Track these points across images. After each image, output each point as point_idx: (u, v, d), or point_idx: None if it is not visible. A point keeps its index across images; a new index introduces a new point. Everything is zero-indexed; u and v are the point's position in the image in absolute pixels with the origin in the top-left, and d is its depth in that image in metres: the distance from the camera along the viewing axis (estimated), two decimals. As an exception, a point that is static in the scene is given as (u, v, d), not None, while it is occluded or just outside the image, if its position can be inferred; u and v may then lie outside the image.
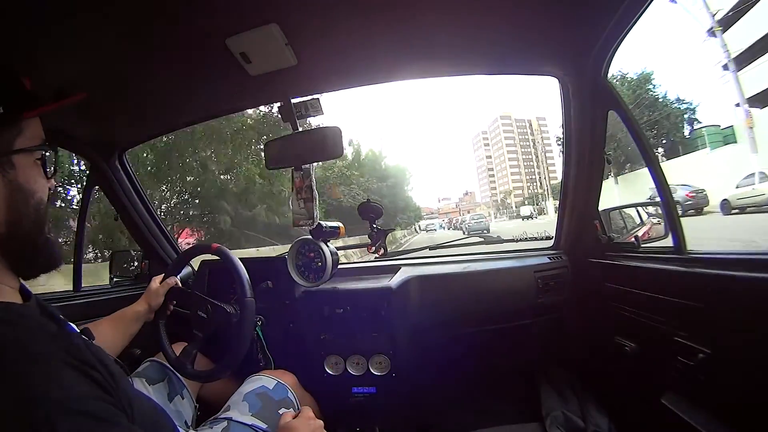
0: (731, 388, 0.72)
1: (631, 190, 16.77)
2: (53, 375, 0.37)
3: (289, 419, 0.80)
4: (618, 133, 8.28)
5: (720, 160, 14.48)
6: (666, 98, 23.25)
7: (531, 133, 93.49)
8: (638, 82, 22.85)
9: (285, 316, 1.24)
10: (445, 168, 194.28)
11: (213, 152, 9.43)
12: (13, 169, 0.45)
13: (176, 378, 1.00)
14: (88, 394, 0.38)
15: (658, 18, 49.57)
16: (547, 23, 0.90)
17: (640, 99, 21.74)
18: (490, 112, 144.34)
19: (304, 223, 1.15)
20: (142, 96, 1.06)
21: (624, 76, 22.71)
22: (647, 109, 22.06)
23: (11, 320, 0.40)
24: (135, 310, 0.96)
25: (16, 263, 0.46)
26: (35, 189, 0.47)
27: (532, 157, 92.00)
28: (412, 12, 0.82)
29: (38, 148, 0.48)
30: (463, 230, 21.29)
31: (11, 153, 0.45)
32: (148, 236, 1.47)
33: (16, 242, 0.45)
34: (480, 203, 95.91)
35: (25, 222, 0.46)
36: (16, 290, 0.46)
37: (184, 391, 1.00)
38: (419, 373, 1.34)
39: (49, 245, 0.49)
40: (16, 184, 0.45)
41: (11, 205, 0.44)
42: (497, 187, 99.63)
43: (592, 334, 1.28)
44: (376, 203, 1.27)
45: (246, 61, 0.90)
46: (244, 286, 0.98)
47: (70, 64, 0.83)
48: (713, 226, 7.55)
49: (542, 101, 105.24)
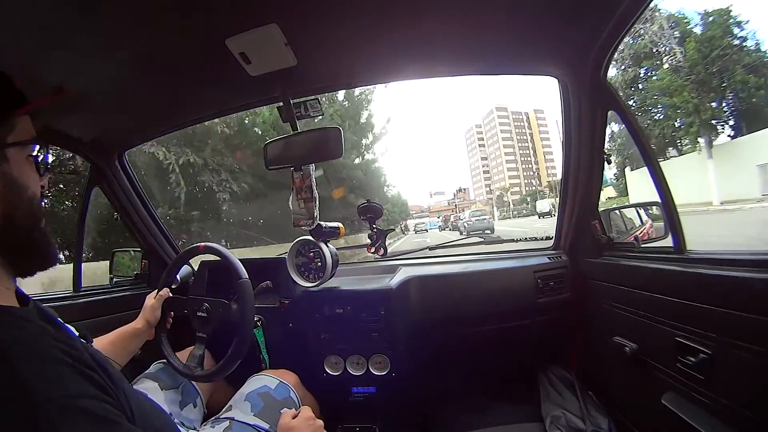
0: (731, 388, 0.72)
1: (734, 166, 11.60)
2: (54, 376, 0.37)
3: (289, 419, 0.80)
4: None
5: None
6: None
7: (528, 126, 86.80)
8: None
9: (285, 316, 1.24)
10: (435, 163, 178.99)
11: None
12: (6, 162, 0.45)
13: (191, 386, 1.00)
14: (89, 394, 0.39)
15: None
16: (547, 23, 0.90)
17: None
18: (485, 105, 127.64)
19: (304, 223, 1.15)
20: (142, 96, 1.06)
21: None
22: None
23: (11, 322, 0.41)
24: (134, 327, 0.96)
25: (11, 258, 0.46)
26: (28, 183, 0.48)
27: (530, 152, 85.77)
28: (412, 12, 0.82)
29: (30, 142, 0.49)
30: (460, 230, 17.88)
31: (4, 146, 0.46)
32: (148, 236, 1.47)
33: (10, 235, 0.45)
34: (475, 200, 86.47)
35: (19, 215, 0.46)
36: (12, 292, 0.47)
37: (197, 399, 1.00)
38: (419, 373, 1.34)
39: (45, 240, 0.50)
40: (9, 177, 0.45)
41: (5, 198, 0.45)
42: (492, 184, 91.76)
43: (592, 334, 1.28)
44: (376, 204, 1.27)
45: (246, 61, 0.90)
46: (236, 270, 0.98)
47: (71, 64, 0.83)
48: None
49: (539, 94, 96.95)
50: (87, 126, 1.17)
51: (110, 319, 1.21)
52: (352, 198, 10.80)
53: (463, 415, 1.30)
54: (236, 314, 0.97)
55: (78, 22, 0.71)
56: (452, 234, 18.52)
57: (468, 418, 1.27)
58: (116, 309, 1.27)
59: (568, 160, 1.26)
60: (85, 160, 1.31)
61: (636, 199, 10.63)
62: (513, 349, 1.43)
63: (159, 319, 1.00)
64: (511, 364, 1.47)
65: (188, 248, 1.11)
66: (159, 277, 1.11)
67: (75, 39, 0.76)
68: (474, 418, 1.26)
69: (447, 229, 25.25)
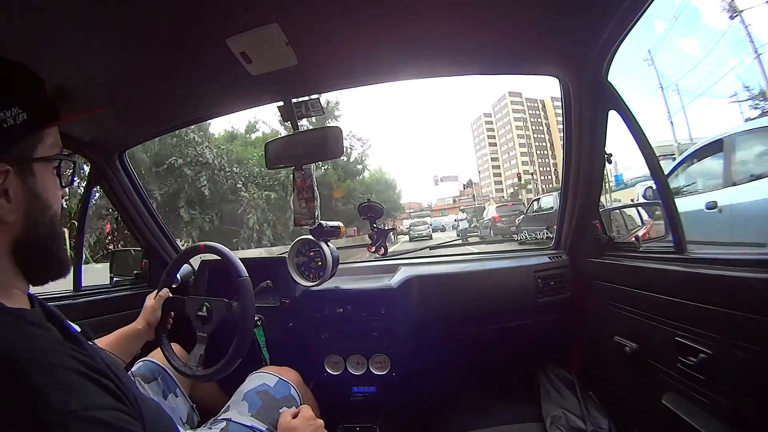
0: (731, 388, 0.72)
1: None
2: (69, 386, 0.37)
3: (289, 419, 0.79)
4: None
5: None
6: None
7: (545, 116, 71.41)
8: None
9: (285, 315, 1.24)
10: (436, 159, 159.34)
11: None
12: (32, 177, 0.45)
13: (168, 376, 1.00)
14: (104, 404, 0.38)
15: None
16: (548, 23, 0.90)
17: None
18: (493, 92, 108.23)
19: (305, 222, 1.15)
20: (142, 96, 1.06)
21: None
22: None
23: (24, 329, 0.40)
24: (134, 328, 0.95)
25: (29, 270, 0.46)
26: (52, 199, 0.47)
27: (547, 145, 71.02)
28: (413, 12, 0.82)
29: (58, 158, 0.49)
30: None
31: (33, 161, 0.45)
32: (149, 236, 1.47)
33: (31, 250, 0.45)
34: (491, 197, 65.75)
35: (41, 231, 0.46)
36: (25, 294, 0.47)
37: (177, 389, 1.00)
38: (419, 372, 1.34)
39: (63, 253, 0.50)
40: (34, 192, 0.45)
41: (29, 213, 0.44)
42: (503, 181, 77.48)
43: (592, 334, 1.28)
44: (376, 203, 1.27)
45: (246, 60, 0.90)
46: (236, 268, 0.98)
47: (71, 64, 0.83)
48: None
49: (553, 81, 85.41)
50: (87, 125, 1.17)
51: (110, 318, 1.21)
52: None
53: (463, 414, 1.30)
54: (237, 312, 0.96)
55: (78, 21, 0.71)
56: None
57: (468, 417, 1.27)
58: (116, 308, 1.27)
59: (568, 160, 1.26)
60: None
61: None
62: (513, 348, 1.43)
63: (159, 320, 0.99)
64: (511, 364, 1.47)
65: (188, 248, 1.11)
66: (159, 276, 1.11)
67: (75, 38, 0.76)
68: (474, 417, 1.26)
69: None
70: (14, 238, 0.44)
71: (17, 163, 0.43)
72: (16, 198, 0.43)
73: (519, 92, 74.26)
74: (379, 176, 25.34)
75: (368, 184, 22.16)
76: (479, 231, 12.91)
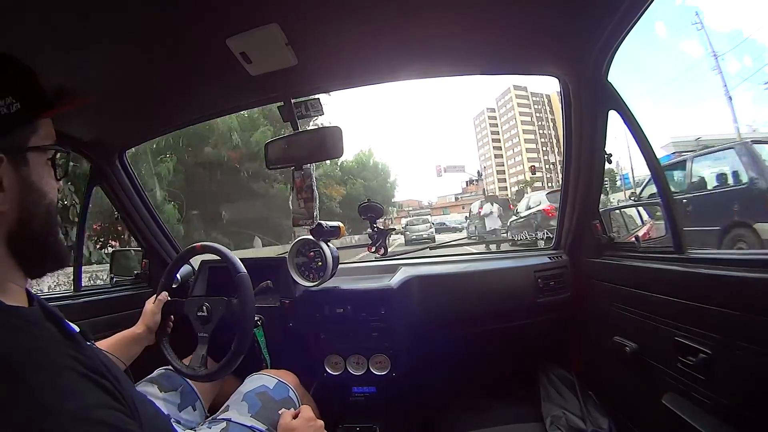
0: (731, 388, 0.72)
1: None
2: (66, 386, 0.37)
3: (289, 419, 0.79)
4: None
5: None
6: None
7: (551, 111, 65.37)
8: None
9: (285, 315, 1.24)
10: (440, 153, 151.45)
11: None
12: (26, 167, 0.45)
13: (190, 389, 1.00)
14: (102, 403, 0.38)
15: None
16: (548, 23, 0.90)
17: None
18: (496, 87, 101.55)
19: (304, 222, 1.15)
20: (142, 96, 1.06)
21: None
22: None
23: (21, 327, 0.40)
24: (134, 333, 0.94)
25: (25, 262, 0.46)
26: (46, 189, 0.47)
27: (553, 141, 63.91)
28: (413, 12, 0.82)
29: (52, 147, 0.49)
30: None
31: (26, 150, 0.45)
32: (149, 236, 1.47)
33: (25, 241, 0.45)
34: (497, 195, 54.81)
35: (35, 222, 0.46)
36: (23, 290, 0.46)
37: (197, 402, 1.00)
38: (419, 372, 1.34)
39: (59, 244, 0.49)
40: (28, 182, 0.45)
41: (23, 204, 0.44)
42: (507, 179, 69.80)
43: (592, 334, 1.28)
44: (376, 203, 1.27)
45: (246, 61, 0.90)
46: (234, 265, 0.99)
47: (71, 64, 0.83)
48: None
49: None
50: (87, 125, 1.17)
51: (110, 318, 1.21)
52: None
53: (463, 414, 1.30)
54: (236, 309, 0.96)
55: (78, 21, 0.71)
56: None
57: (468, 417, 1.27)
58: (116, 309, 1.26)
59: (568, 160, 1.26)
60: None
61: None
62: (513, 348, 1.43)
63: (159, 324, 0.99)
64: (511, 364, 1.47)
65: (187, 248, 1.11)
66: (159, 276, 1.11)
67: (75, 38, 0.76)
68: (474, 417, 1.26)
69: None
70: (9, 228, 0.44)
71: (11, 152, 0.43)
72: (10, 188, 0.43)
73: (524, 86, 68.14)
74: (365, 160, 21.90)
75: (348, 170, 18.58)
76: (517, 233, 8.00)
